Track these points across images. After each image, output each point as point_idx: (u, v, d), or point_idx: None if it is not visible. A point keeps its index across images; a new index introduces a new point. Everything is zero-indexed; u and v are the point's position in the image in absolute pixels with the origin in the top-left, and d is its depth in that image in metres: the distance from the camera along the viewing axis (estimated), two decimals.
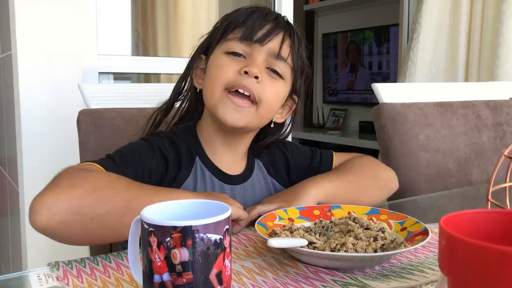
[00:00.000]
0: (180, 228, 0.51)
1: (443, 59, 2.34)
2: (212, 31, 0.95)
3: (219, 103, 0.86)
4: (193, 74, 0.95)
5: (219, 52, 0.89)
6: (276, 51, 0.89)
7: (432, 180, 1.39)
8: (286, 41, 0.90)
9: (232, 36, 0.89)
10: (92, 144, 1.11)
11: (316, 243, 0.71)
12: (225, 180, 0.92)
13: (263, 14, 0.90)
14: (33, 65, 1.56)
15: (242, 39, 0.88)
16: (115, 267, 0.69)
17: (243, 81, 0.85)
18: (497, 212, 0.45)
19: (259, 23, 0.88)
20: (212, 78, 0.88)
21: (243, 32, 0.88)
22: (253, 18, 0.89)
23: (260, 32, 0.88)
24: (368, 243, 0.70)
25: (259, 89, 0.86)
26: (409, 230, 0.76)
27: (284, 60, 0.90)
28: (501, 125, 1.55)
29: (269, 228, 0.77)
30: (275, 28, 0.89)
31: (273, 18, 0.90)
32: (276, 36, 0.89)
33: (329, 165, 1.04)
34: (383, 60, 3.64)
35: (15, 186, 1.67)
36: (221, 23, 0.93)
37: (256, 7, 0.92)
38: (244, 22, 0.89)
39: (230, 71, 0.86)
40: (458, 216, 0.44)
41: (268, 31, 0.88)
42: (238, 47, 0.88)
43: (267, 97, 0.87)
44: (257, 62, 0.87)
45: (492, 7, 2.20)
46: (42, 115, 1.57)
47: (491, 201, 0.64)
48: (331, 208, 0.86)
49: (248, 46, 0.88)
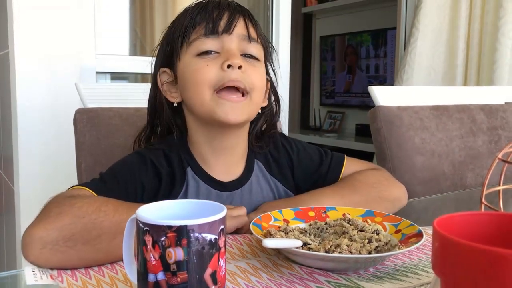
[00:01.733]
0: (175, 227, 0.51)
1: (441, 63, 2.35)
2: (165, 40, 0.91)
3: (215, 106, 0.83)
4: (163, 91, 0.90)
5: (189, 57, 0.86)
6: (245, 34, 0.86)
7: (427, 183, 1.40)
8: (249, 23, 0.88)
9: (196, 35, 0.85)
10: (89, 143, 1.11)
11: (311, 244, 0.71)
12: (220, 188, 0.90)
13: (216, 4, 0.87)
14: (31, 63, 1.56)
15: (208, 35, 0.84)
16: (110, 266, 0.69)
17: (230, 76, 0.82)
18: (490, 215, 0.45)
19: (217, 13, 0.86)
20: (194, 85, 0.84)
21: (206, 27, 0.85)
22: (208, 11, 0.86)
23: (222, 22, 0.85)
24: (363, 245, 0.70)
25: (246, 79, 0.84)
26: (404, 232, 0.76)
27: (255, 41, 0.88)
28: (496, 129, 1.56)
29: (264, 229, 0.77)
30: (234, 13, 0.86)
31: (227, 5, 0.87)
32: (238, 21, 0.86)
33: (337, 172, 1.00)
34: (380, 63, 3.65)
35: (10, 185, 1.67)
36: (173, 29, 0.89)
37: (201, 2, 0.88)
38: (202, 18, 0.85)
39: (211, 72, 0.83)
40: (452, 218, 0.45)
41: (229, 18, 0.86)
42: (207, 44, 0.84)
43: (255, 84, 0.86)
44: (233, 52, 0.84)
45: (490, 13, 2.22)
46: (39, 113, 1.57)
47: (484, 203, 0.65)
48: (326, 209, 0.86)
49: (216, 40, 0.85)
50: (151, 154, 0.88)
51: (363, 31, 3.76)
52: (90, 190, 0.79)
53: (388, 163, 1.36)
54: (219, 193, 0.90)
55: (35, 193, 1.54)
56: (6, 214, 1.81)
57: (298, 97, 4.33)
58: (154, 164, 0.86)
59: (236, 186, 0.91)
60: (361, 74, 3.81)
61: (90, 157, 1.11)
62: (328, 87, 4.12)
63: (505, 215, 0.45)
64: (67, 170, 1.40)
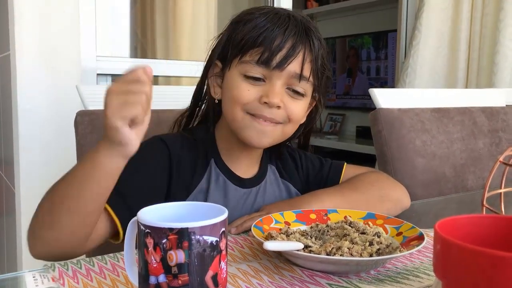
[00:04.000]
0: (176, 230, 0.51)
1: (443, 66, 2.35)
2: (226, 36, 0.89)
3: (243, 127, 0.85)
4: (209, 81, 0.92)
5: (236, 72, 0.85)
6: (297, 73, 0.84)
7: (428, 186, 1.40)
8: (307, 58, 0.85)
9: (249, 58, 0.84)
10: (90, 145, 1.11)
11: (312, 246, 0.71)
12: (239, 183, 0.92)
13: (282, 30, 0.83)
14: (32, 65, 1.56)
15: (259, 63, 0.83)
16: (111, 268, 0.69)
17: (264, 112, 0.84)
18: (492, 217, 0.45)
19: (278, 43, 0.82)
20: (231, 101, 0.86)
21: (261, 55, 0.82)
22: (271, 37, 0.82)
23: (279, 55, 0.82)
24: (364, 248, 0.70)
25: (282, 114, 0.85)
26: (405, 235, 0.76)
27: (306, 80, 0.86)
28: (497, 132, 1.56)
29: (265, 231, 0.77)
30: (295, 46, 0.83)
31: (293, 33, 0.83)
32: (296, 57, 0.83)
33: (337, 177, 1.02)
34: (381, 66, 3.65)
35: (11, 187, 1.67)
36: (236, 32, 0.86)
37: (273, 15, 0.85)
38: (262, 42, 0.83)
39: (250, 98, 0.84)
40: (453, 220, 0.45)
41: (287, 52, 0.83)
42: (256, 71, 0.84)
43: (291, 118, 0.87)
44: (276, 89, 0.83)
45: (490, 15, 2.22)
46: (40, 115, 1.57)
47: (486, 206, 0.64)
48: (327, 212, 0.86)
49: (266, 70, 0.84)
50: (165, 137, 0.89)
51: (364, 33, 3.76)
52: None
53: (389, 166, 1.36)
54: (237, 188, 0.92)
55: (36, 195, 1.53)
56: (6, 216, 1.81)
57: None
58: (167, 145, 0.87)
59: (253, 184, 0.94)
60: (362, 76, 3.81)
61: None
62: (329, 89, 4.11)
63: (506, 218, 0.45)
64: None
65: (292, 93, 0.86)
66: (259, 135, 0.85)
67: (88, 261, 0.71)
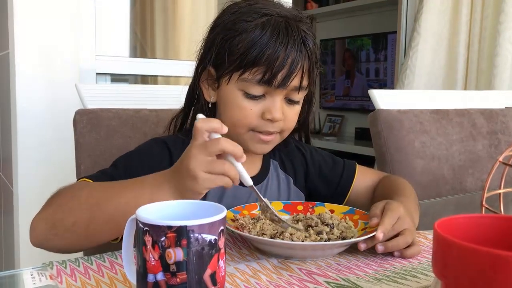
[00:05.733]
0: (175, 228, 0.51)
1: (442, 67, 2.36)
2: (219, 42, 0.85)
3: (246, 140, 0.87)
4: (202, 85, 0.91)
5: (236, 89, 0.85)
6: (297, 86, 0.85)
7: (427, 187, 1.40)
8: (305, 68, 0.85)
9: (250, 76, 0.82)
10: (88, 144, 1.11)
11: (266, 232, 0.77)
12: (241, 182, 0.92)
13: (283, 48, 0.81)
14: (30, 64, 1.56)
15: (261, 83, 0.83)
16: (109, 266, 0.69)
17: (268, 128, 0.86)
18: (491, 217, 0.45)
19: (280, 62, 0.81)
20: (234, 120, 0.85)
21: (263, 75, 0.82)
22: (273, 57, 0.81)
23: (280, 75, 0.82)
24: (309, 235, 0.75)
25: (281, 125, 0.87)
26: (367, 230, 0.77)
27: (304, 90, 0.87)
28: (496, 134, 1.56)
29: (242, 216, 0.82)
30: (296, 62, 0.82)
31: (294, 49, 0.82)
32: (297, 73, 0.83)
33: (351, 177, 1.02)
34: (380, 67, 3.65)
35: (9, 186, 1.66)
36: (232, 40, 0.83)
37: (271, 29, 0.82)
38: (263, 62, 0.81)
39: (253, 116, 0.85)
40: (453, 220, 0.44)
41: (289, 70, 0.82)
42: (257, 90, 0.83)
43: (289, 126, 0.89)
44: (278, 105, 0.84)
45: (490, 17, 2.22)
46: (39, 114, 1.57)
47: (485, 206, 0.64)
48: (315, 205, 0.90)
49: (268, 88, 0.83)
50: (167, 139, 0.90)
51: (363, 34, 3.76)
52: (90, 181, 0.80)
53: (388, 167, 1.36)
54: (239, 187, 0.91)
55: (34, 194, 1.53)
56: (4, 215, 1.81)
57: None
58: (168, 148, 0.88)
59: (256, 182, 0.93)
60: (361, 78, 3.82)
61: (89, 158, 1.11)
62: (328, 91, 4.12)
63: (506, 218, 0.45)
64: (66, 171, 1.40)
65: (289, 101, 0.88)
66: (262, 147, 0.89)
67: (86, 259, 0.71)
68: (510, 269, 0.35)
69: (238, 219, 0.81)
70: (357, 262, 0.72)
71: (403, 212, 0.75)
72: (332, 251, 0.74)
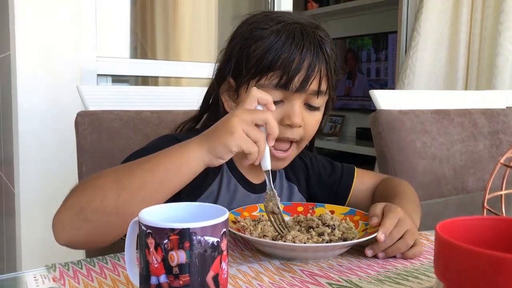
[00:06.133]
0: (177, 230, 0.51)
1: (443, 67, 2.36)
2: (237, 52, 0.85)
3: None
4: (222, 97, 0.89)
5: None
6: (315, 90, 0.83)
7: (428, 187, 1.40)
8: (324, 73, 0.83)
9: (267, 81, 0.82)
10: (90, 145, 1.11)
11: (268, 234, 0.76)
12: (249, 188, 0.93)
13: (299, 50, 0.81)
14: (32, 66, 1.56)
15: (278, 88, 0.82)
16: (112, 268, 0.69)
17: (286, 134, 0.84)
18: (493, 219, 0.45)
19: (296, 65, 0.80)
20: None
21: (280, 79, 0.81)
22: (289, 60, 0.80)
23: (297, 78, 0.81)
24: (310, 236, 0.74)
25: (301, 132, 0.86)
26: (368, 231, 0.78)
27: (323, 94, 0.85)
28: (497, 134, 1.56)
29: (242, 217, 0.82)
30: (313, 66, 0.81)
31: (310, 52, 0.81)
32: (315, 76, 0.82)
33: (350, 181, 1.02)
34: (381, 67, 3.65)
35: (11, 187, 1.66)
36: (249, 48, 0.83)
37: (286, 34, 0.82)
38: (279, 66, 0.81)
39: None
40: (454, 222, 0.45)
41: (306, 73, 0.81)
42: (274, 95, 0.81)
43: (308, 134, 0.88)
44: (297, 110, 0.83)
45: (490, 17, 2.22)
46: (40, 116, 1.57)
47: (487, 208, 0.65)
48: (315, 206, 0.90)
49: (285, 92, 0.82)
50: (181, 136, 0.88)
51: (364, 34, 3.76)
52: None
53: (389, 167, 1.36)
54: (247, 193, 0.92)
55: (36, 195, 1.54)
56: (6, 216, 1.81)
57: None
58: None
59: (264, 189, 0.93)
60: (362, 78, 3.82)
61: (91, 160, 1.11)
62: None
63: (507, 220, 0.45)
64: (68, 172, 1.40)
65: (309, 107, 0.86)
66: (277, 162, 0.87)
67: (89, 261, 0.71)
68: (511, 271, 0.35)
69: (239, 221, 0.81)
70: (359, 263, 0.73)
71: (403, 214, 0.75)
72: (333, 252, 0.75)
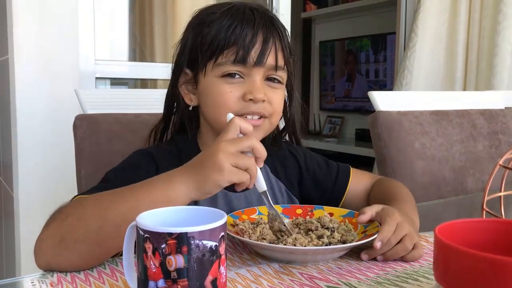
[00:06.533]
0: (175, 234, 0.51)
1: (440, 68, 2.35)
2: (190, 41, 0.87)
3: None
4: (181, 89, 0.90)
5: (213, 77, 0.85)
6: (273, 65, 0.85)
7: (428, 188, 1.40)
8: (279, 47, 0.85)
9: (225, 59, 0.83)
10: (88, 149, 1.11)
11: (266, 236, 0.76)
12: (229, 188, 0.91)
13: (251, 25, 0.83)
14: (30, 69, 1.56)
15: (236, 63, 0.83)
16: (110, 273, 0.69)
17: (251, 109, 0.84)
18: (492, 221, 0.45)
19: (250, 39, 0.82)
20: (216, 106, 0.85)
21: (236, 54, 0.82)
22: (242, 34, 0.82)
23: (254, 52, 0.82)
24: (311, 239, 0.74)
25: (267, 108, 0.86)
26: (367, 233, 0.77)
27: (281, 69, 0.87)
28: (496, 134, 1.56)
29: (241, 220, 0.82)
30: (267, 39, 0.83)
31: (261, 26, 0.83)
32: (271, 50, 0.84)
33: (345, 181, 1.02)
34: (380, 68, 3.65)
35: (9, 191, 1.66)
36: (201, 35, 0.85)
37: (235, 12, 0.84)
38: (234, 42, 0.82)
39: (233, 99, 0.83)
40: (453, 225, 0.44)
41: (262, 47, 0.83)
42: (233, 69, 0.83)
43: (275, 109, 0.88)
44: (258, 84, 0.84)
45: (489, 17, 2.22)
46: (39, 120, 1.57)
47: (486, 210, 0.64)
48: (314, 208, 0.89)
49: (244, 67, 0.84)
50: (155, 151, 0.89)
51: (362, 36, 3.76)
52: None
53: (388, 168, 1.36)
54: (226, 193, 0.91)
55: (35, 199, 1.53)
56: (5, 220, 1.81)
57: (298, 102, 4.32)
58: (155, 161, 0.87)
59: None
60: (361, 79, 3.82)
61: (89, 164, 1.10)
62: (328, 92, 4.12)
63: (506, 222, 0.45)
64: (66, 176, 1.40)
65: (271, 83, 0.87)
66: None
67: None
68: (511, 274, 0.35)
69: (238, 224, 0.80)
70: (358, 266, 0.72)
71: (401, 218, 0.75)
72: (333, 255, 0.74)
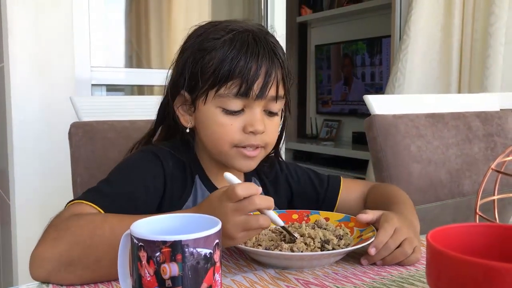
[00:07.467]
0: (169, 242, 0.51)
1: (433, 70, 2.36)
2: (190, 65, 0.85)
3: (231, 158, 0.86)
4: (178, 111, 0.89)
5: (214, 107, 0.84)
6: (274, 96, 0.85)
7: (424, 191, 1.40)
8: (280, 77, 0.85)
9: (227, 91, 0.82)
10: (84, 156, 1.11)
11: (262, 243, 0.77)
12: None
13: (255, 58, 0.82)
14: (26, 77, 1.56)
15: (238, 96, 0.82)
16: (106, 282, 0.68)
17: (251, 141, 0.84)
18: (484, 226, 0.45)
19: (254, 73, 0.81)
20: (216, 138, 0.85)
21: (239, 87, 0.81)
22: (246, 68, 0.81)
23: (256, 85, 0.82)
24: (307, 246, 0.74)
25: (265, 138, 0.86)
26: (363, 237, 0.77)
27: (281, 98, 0.87)
28: (492, 136, 1.56)
29: None
30: (270, 71, 0.83)
31: (265, 58, 0.82)
32: (273, 82, 0.83)
33: (336, 191, 1.02)
34: (375, 71, 3.66)
35: (6, 199, 1.66)
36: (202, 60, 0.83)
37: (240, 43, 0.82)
38: (238, 75, 0.81)
39: (234, 132, 0.84)
40: (446, 230, 0.45)
41: (264, 79, 0.82)
42: (235, 104, 0.83)
43: (272, 139, 0.89)
44: (259, 117, 0.84)
45: (481, 20, 2.23)
46: (34, 127, 1.57)
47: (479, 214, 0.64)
48: (310, 213, 0.89)
49: (246, 100, 0.83)
50: (158, 151, 0.88)
51: (358, 39, 3.77)
52: (92, 204, 0.75)
53: (385, 172, 1.36)
54: None
55: (31, 207, 1.53)
56: (2, 228, 1.80)
57: (295, 106, 4.33)
58: (161, 161, 0.87)
59: None
60: (357, 82, 3.82)
61: (85, 171, 1.10)
62: (324, 96, 4.12)
63: (498, 226, 0.45)
64: (62, 183, 1.39)
65: (269, 113, 0.87)
66: (247, 163, 0.87)
67: None
68: (503, 280, 0.35)
69: None
70: (354, 271, 0.72)
71: (400, 223, 0.75)
72: (329, 260, 0.74)
